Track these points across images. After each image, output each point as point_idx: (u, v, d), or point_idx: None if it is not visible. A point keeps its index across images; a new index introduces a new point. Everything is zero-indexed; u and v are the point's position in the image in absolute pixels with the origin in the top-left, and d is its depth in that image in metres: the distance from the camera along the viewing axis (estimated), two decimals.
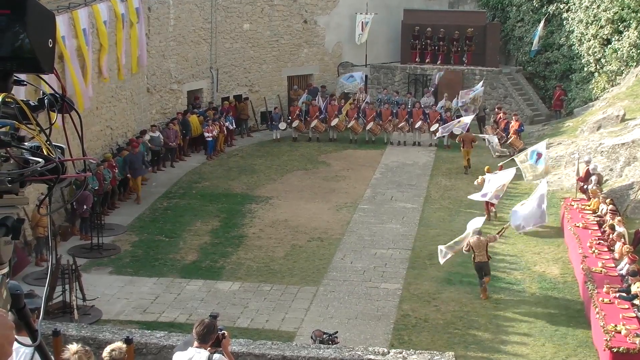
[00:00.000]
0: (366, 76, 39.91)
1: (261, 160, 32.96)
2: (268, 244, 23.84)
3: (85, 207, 23.27)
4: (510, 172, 25.22)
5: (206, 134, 32.66)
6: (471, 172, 30.36)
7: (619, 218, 22.67)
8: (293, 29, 39.37)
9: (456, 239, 21.43)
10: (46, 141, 2.98)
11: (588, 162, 26.52)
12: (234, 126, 35.45)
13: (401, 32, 41.39)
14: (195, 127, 33.00)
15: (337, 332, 17.14)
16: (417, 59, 41.11)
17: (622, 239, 21.37)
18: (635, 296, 18.20)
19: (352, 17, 40.94)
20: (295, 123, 35.63)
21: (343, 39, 41.32)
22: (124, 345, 8.82)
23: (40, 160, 2.90)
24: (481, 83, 37.02)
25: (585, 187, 25.71)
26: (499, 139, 33.21)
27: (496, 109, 35.43)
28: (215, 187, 29.38)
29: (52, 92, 3.12)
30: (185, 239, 24.23)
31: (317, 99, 36.96)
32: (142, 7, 30.56)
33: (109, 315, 19.06)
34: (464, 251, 21.06)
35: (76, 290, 18.51)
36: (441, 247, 21.20)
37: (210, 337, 8.50)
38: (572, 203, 24.85)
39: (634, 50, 34.67)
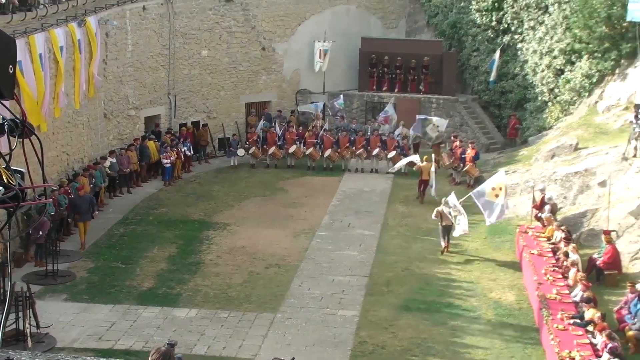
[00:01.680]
0: (324, 104, 39.96)
1: (219, 186, 32.84)
2: (225, 270, 23.70)
3: (40, 233, 22.96)
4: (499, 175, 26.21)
5: (164, 160, 32.51)
6: (427, 201, 30.40)
7: (573, 245, 22.93)
8: (251, 56, 39.43)
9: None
10: (5, 167, 2.94)
11: (543, 190, 26.81)
12: (192, 152, 35.32)
13: (359, 60, 41.64)
14: (153, 153, 32.84)
15: (294, 358, 17.02)
16: (374, 87, 41.34)
17: (576, 266, 21.60)
18: (589, 322, 18.36)
19: (310, 45, 41.11)
20: (253, 149, 35.59)
21: (301, 66, 41.45)
22: None
23: (0, 188, 2.85)
24: (446, 122, 36.98)
25: (540, 214, 25.96)
26: (455, 167, 33.49)
27: (452, 137, 35.69)
28: (172, 213, 29.20)
29: (12, 117, 3.08)
30: (141, 265, 24.01)
31: (275, 125, 36.99)
32: (99, 33, 30.40)
33: (63, 343, 18.77)
34: (433, 217, 25.82)
35: (30, 317, 18.21)
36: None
37: None
38: (527, 230, 25.05)
39: (585, 80, 35.18)
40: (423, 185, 31.14)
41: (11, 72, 3.01)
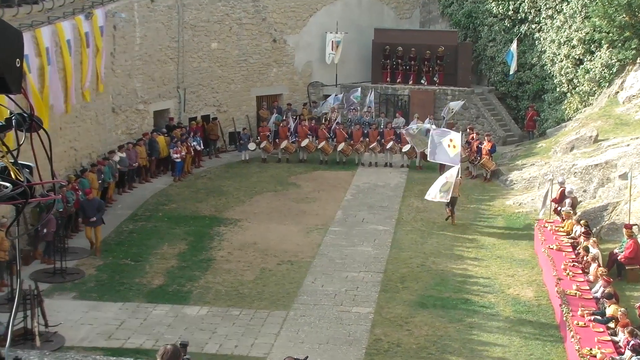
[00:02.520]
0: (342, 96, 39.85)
1: (229, 181, 32.88)
2: (237, 267, 23.72)
3: (45, 230, 23.01)
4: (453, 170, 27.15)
5: (174, 155, 32.56)
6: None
7: (593, 240, 22.84)
8: (262, 48, 39.43)
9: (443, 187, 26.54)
10: (13, 163, 2.94)
11: (562, 184, 26.73)
12: (202, 147, 35.36)
13: (372, 52, 41.59)
14: (163, 148, 32.90)
15: (307, 357, 17.01)
16: (388, 79, 41.29)
17: (597, 261, 21.52)
18: (611, 319, 18.29)
19: (322, 36, 41.08)
20: (264, 143, 35.62)
21: (313, 59, 41.43)
22: None
23: (8, 185, 2.85)
24: (461, 103, 36.91)
25: (559, 208, 25.89)
26: (471, 160, 33.43)
27: (468, 130, 35.60)
28: (182, 209, 29.24)
29: (20, 111, 3.08)
30: (151, 262, 24.05)
31: (287, 119, 36.99)
32: (107, 26, 30.44)
33: (72, 342, 18.82)
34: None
35: (38, 316, 18.28)
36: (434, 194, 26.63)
37: None
38: (546, 225, 25.00)
39: (605, 70, 35.06)
40: (452, 202, 27.68)
41: (18, 65, 3.01)
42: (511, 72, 39.28)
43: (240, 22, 38.37)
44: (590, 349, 16.88)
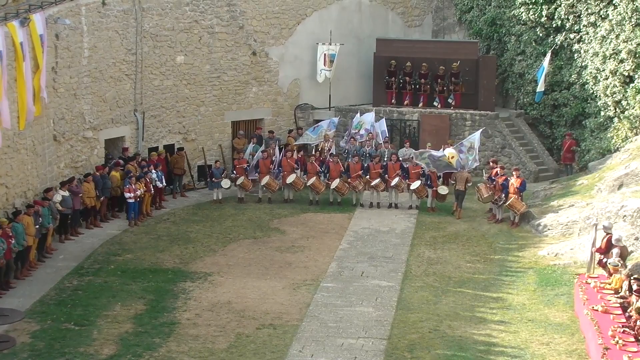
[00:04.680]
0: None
1: (198, 226, 32.70)
2: (206, 332, 23.48)
3: None
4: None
5: (127, 194, 32.39)
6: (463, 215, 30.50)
7: None
8: (239, 63, 39.45)
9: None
10: None
11: (608, 230, 26.59)
12: (164, 184, 35.22)
13: (374, 67, 41.65)
14: (117, 184, 32.75)
15: None
16: (393, 101, 41.29)
17: None
18: None
19: (312, 49, 41.16)
20: (241, 180, 35.50)
21: (301, 76, 41.47)
22: None
23: None
24: (478, 133, 36.91)
25: (605, 260, 25.73)
26: (495, 201, 33.30)
27: (491, 163, 35.52)
28: (139, 260, 29.02)
29: None
30: (100, 327, 23.78)
31: (268, 149, 36.92)
32: (48, 35, 30.38)
33: None
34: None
35: None
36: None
37: None
38: (589, 281, 24.81)
39: None
40: (459, 196, 34.13)
41: None
42: (538, 90, 39.35)
43: (213, 30, 38.41)
44: None
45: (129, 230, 32.17)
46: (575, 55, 39.02)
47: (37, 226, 27.81)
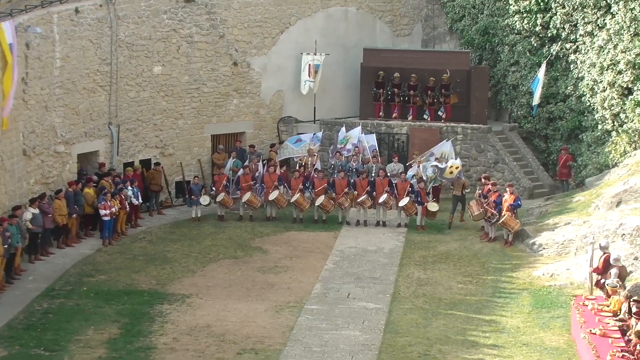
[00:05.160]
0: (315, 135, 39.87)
1: (176, 245, 32.63)
2: (185, 358, 23.39)
3: None
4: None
5: (102, 211, 32.28)
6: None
7: None
8: (219, 74, 39.42)
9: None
10: None
11: (605, 249, 26.59)
12: (140, 201, 35.14)
13: (360, 78, 41.67)
14: (90, 201, 32.64)
15: None
16: (381, 113, 41.31)
17: None
18: None
19: (296, 59, 41.17)
20: (221, 196, 35.44)
21: (285, 87, 41.48)
22: None
23: None
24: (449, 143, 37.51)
25: (602, 281, 25.72)
26: (488, 218, 33.26)
27: (482, 179, 35.44)
28: (114, 281, 28.92)
29: None
30: (71, 352, 23.66)
31: (250, 164, 36.87)
32: (18, 44, 30.28)
33: None
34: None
35: None
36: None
37: None
38: (586, 302, 24.80)
39: None
40: (458, 202, 35.55)
41: None
42: (534, 103, 39.36)
43: (192, 39, 38.38)
44: None
45: (102, 250, 32.06)
46: (572, 66, 39.09)
47: (5, 246, 27.67)
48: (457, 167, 35.84)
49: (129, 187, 34.24)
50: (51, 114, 33.26)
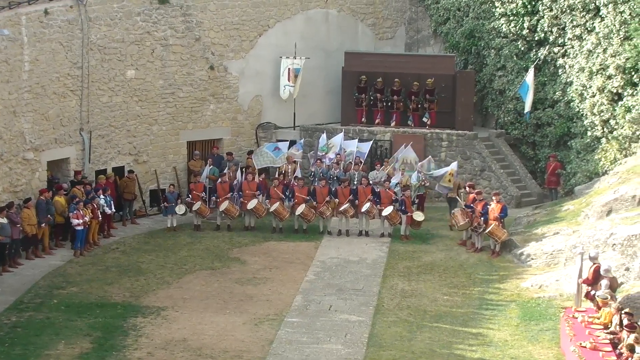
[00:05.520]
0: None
1: (150, 256, 32.56)
2: None
3: None
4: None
5: (74, 221, 32.17)
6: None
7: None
8: (195, 78, 39.37)
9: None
10: None
11: (595, 259, 26.65)
12: (113, 210, 35.05)
13: (342, 83, 41.69)
14: (61, 210, 32.53)
15: None
16: (363, 119, 41.32)
17: None
18: None
19: (275, 62, 41.18)
20: (198, 205, 35.38)
21: (263, 92, 41.47)
22: None
23: None
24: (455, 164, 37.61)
25: (592, 292, 25.77)
26: (474, 228, 33.30)
27: (467, 187, 35.40)
28: (85, 294, 28.81)
29: None
30: None
31: (229, 172, 36.82)
32: None
33: None
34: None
35: None
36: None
37: None
38: (576, 315, 24.84)
39: None
40: (452, 204, 36.24)
41: None
42: (526, 110, 39.39)
43: (166, 42, 38.33)
44: None
45: (74, 261, 31.93)
46: (560, 70, 39.19)
47: None
48: (451, 173, 36.62)
49: (102, 196, 34.15)
50: (19, 120, 33.14)
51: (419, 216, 34.88)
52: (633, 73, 35.98)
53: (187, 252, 33.09)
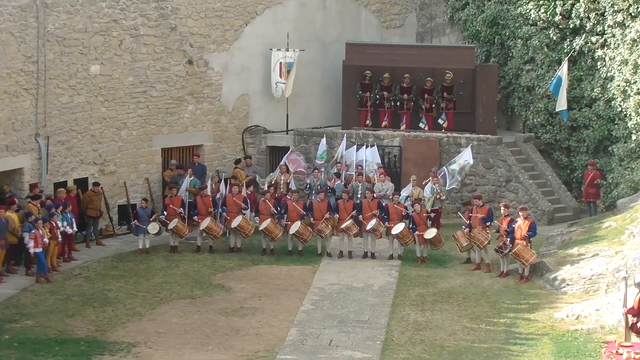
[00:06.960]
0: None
1: (119, 283, 32.53)
2: None
3: None
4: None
5: (29, 243, 32.08)
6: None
7: None
8: (171, 74, 39.38)
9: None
10: None
11: None
12: (75, 229, 34.98)
13: (343, 80, 41.68)
14: (13, 229, 32.46)
15: None
16: (368, 122, 41.28)
17: None
18: None
19: (265, 56, 41.22)
20: (174, 223, 35.31)
21: (251, 90, 41.49)
22: None
23: None
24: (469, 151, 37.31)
25: (639, 324, 25.72)
26: (499, 249, 33.14)
27: (475, 200, 35.10)
28: (43, 328, 28.74)
29: None
30: None
31: (212, 184, 36.80)
32: None
33: None
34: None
35: None
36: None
37: None
38: (620, 350, 24.76)
39: None
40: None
41: None
42: (558, 109, 39.29)
43: (137, 33, 38.31)
44: None
45: (30, 289, 31.83)
46: (599, 63, 39.22)
47: None
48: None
49: (61, 213, 34.04)
50: None
51: (429, 234, 34.56)
52: None
53: (162, 278, 33.03)
